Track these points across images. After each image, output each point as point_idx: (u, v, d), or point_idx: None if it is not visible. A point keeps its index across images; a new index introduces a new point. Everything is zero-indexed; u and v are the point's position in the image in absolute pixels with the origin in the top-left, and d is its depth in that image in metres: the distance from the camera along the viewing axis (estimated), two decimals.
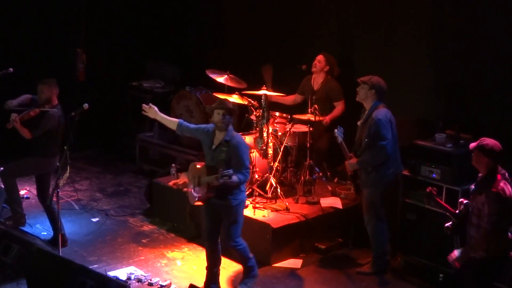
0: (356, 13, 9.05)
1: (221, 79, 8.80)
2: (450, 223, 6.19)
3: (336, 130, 7.36)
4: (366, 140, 7.21)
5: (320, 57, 8.69)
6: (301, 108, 8.80)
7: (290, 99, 8.96)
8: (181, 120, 6.96)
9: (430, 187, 6.37)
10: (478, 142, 5.92)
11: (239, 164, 6.56)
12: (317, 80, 8.75)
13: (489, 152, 5.84)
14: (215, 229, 6.87)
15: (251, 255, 6.99)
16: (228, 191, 6.61)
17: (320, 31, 9.43)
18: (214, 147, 6.70)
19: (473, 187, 6.05)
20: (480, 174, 5.99)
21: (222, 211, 6.75)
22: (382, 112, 7.17)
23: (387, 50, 8.77)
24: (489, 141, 5.89)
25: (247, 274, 7.05)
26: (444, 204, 6.33)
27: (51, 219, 7.93)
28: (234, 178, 6.43)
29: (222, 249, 7.00)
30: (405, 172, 7.38)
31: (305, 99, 8.82)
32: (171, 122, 6.97)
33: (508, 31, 7.64)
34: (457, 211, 6.18)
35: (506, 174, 5.91)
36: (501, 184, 5.79)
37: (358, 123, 7.37)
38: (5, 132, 8.02)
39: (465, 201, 6.15)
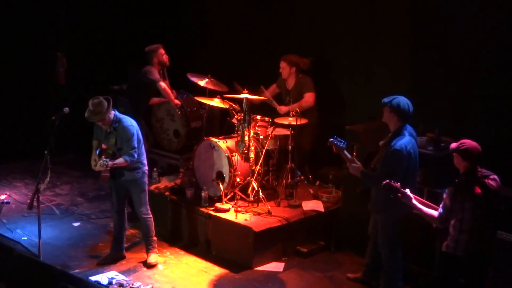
0: (338, 19, 9.10)
1: (202, 82, 8.83)
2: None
3: (332, 139, 6.70)
4: (380, 164, 6.58)
5: (281, 64, 8.83)
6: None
7: (270, 91, 9.07)
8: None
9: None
10: (458, 144, 5.91)
11: (127, 146, 7.31)
12: (289, 81, 8.93)
13: (465, 154, 5.81)
14: (122, 201, 7.70)
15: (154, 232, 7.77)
16: (130, 168, 7.40)
17: (302, 34, 9.47)
18: (106, 132, 7.41)
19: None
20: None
21: (130, 184, 7.53)
22: (403, 142, 6.48)
23: (368, 54, 8.81)
24: (467, 143, 5.85)
25: (150, 248, 7.73)
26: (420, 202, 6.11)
27: None
28: (120, 160, 7.25)
29: (137, 220, 7.83)
30: None
31: (280, 93, 9.04)
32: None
33: (485, 37, 7.72)
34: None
35: (489, 177, 5.83)
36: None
37: (380, 143, 6.77)
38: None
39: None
